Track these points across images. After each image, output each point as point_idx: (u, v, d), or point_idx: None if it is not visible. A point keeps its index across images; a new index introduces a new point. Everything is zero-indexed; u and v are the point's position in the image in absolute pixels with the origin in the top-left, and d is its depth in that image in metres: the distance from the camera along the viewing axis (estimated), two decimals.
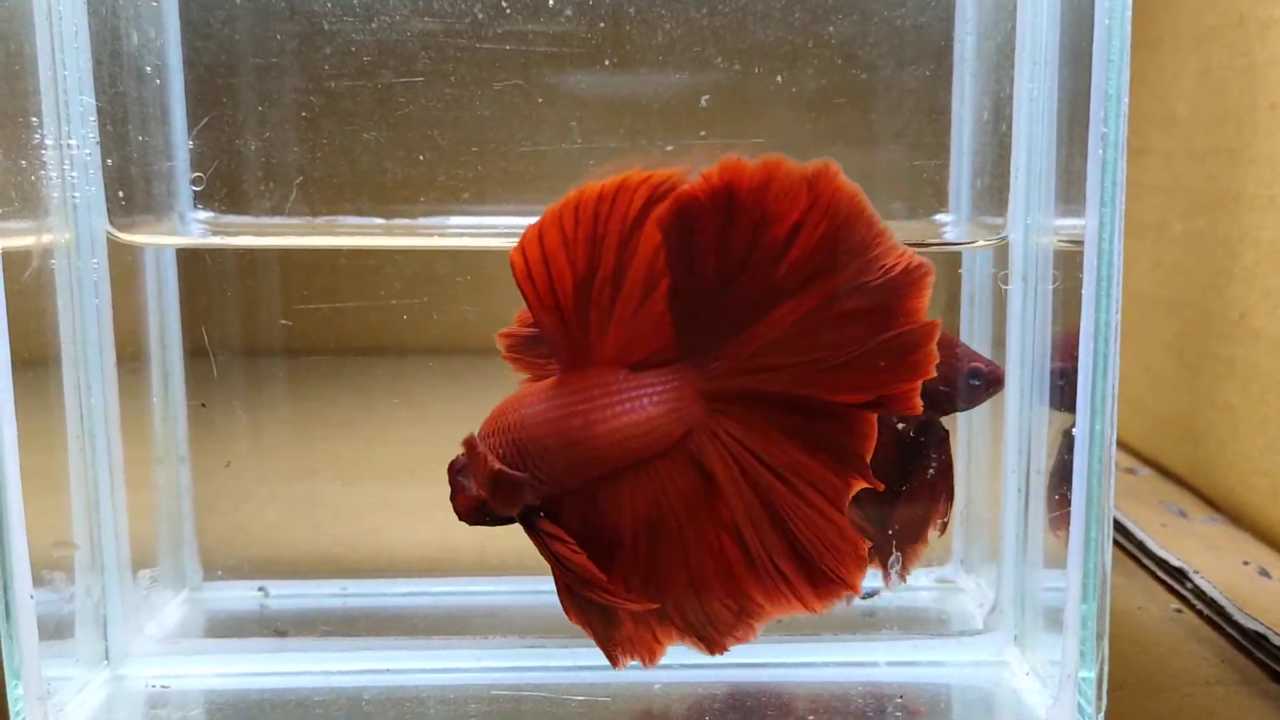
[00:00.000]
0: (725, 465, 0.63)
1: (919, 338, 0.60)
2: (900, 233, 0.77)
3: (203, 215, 0.76)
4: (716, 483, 0.63)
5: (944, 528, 0.72)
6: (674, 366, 0.62)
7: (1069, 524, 0.64)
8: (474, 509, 0.64)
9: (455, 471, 0.65)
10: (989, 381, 0.71)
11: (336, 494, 0.83)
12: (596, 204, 0.59)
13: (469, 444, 0.64)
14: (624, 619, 0.65)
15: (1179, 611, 0.83)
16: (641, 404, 0.61)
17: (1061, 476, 0.65)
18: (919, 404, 0.60)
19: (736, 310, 0.61)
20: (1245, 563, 0.91)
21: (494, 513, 0.64)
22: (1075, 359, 0.62)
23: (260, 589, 0.82)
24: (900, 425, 0.70)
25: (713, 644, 0.65)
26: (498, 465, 0.62)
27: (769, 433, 0.62)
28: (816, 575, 0.63)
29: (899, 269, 0.60)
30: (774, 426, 0.62)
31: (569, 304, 0.61)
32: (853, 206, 0.59)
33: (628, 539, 0.64)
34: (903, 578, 0.71)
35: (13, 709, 0.64)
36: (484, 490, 0.63)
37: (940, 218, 0.78)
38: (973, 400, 0.72)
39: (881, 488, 0.62)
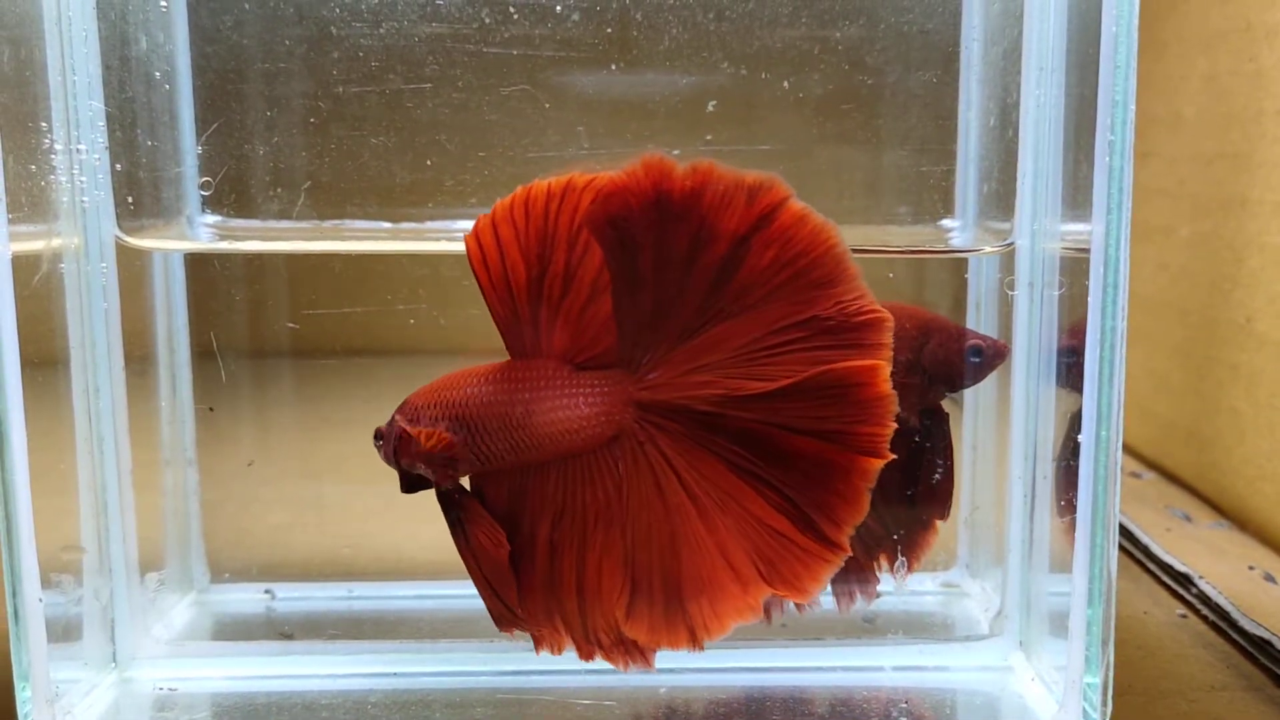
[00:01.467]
0: (639, 478, 0.62)
1: (865, 376, 0.59)
2: (907, 238, 0.78)
3: (210, 220, 0.76)
4: (626, 494, 0.63)
5: (946, 513, 0.72)
6: (613, 371, 0.62)
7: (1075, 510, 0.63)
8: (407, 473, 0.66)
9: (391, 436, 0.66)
10: (990, 356, 0.71)
11: (343, 497, 0.83)
12: (545, 202, 0.60)
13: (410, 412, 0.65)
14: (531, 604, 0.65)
15: (1184, 617, 0.83)
16: (579, 402, 0.63)
17: (1069, 460, 0.65)
18: (882, 449, 0.59)
19: (677, 322, 0.61)
20: (1250, 568, 0.91)
21: (418, 481, 0.66)
22: (1083, 338, 0.62)
23: (267, 591, 0.82)
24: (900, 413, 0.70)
25: (585, 652, 0.65)
26: (446, 437, 0.63)
27: (697, 454, 0.62)
28: (687, 615, 0.62)
29: (858, 316, 0.59)
30: (706, 449, 0.62)
31: (522, 295, 0.62)
32: (818, 240, 0.59)
33: (538, 528, 0.64)
34: (911, 568, 0.71)
35: (21, 711, 0.64)
36: (419, 460, 0.64)
37: (947, 223, 0.78)
38: (977, 377, 0.72)
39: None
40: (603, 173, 0.59)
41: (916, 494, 0.71)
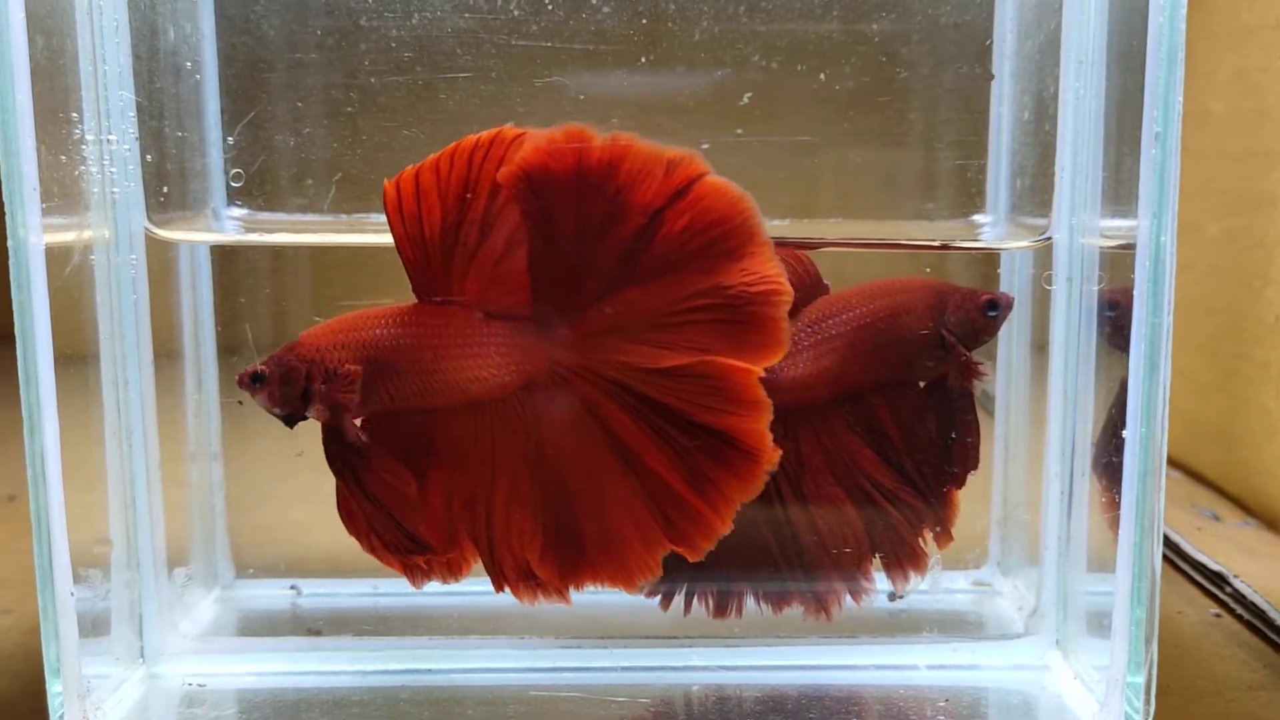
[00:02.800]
0: (550, 429, 0.65)
1: (740, 378, 0.62)
2: (938, 233, 0.78)
3: (237, 212, 0.75)
4: (537, 444, 0.65)
5: (963, 481, 0.72)
6: (526, 322, 0.64)
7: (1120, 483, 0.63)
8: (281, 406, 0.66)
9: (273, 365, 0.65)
10: (1004, 308, 0.71)
11: None
12: (471, 152, 0.62)
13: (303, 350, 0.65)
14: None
15: (1218, 616, 0.82)
16: (490, 351, 0.64)
17: (1113, 429, 0.64)
18: (765, 444, 0.63)
19: (591, 284, 0.62)
20: None
21: (295, 416, 0.66)
22: (1128, 296, 0.61)
23: (292, 587, 0.82)
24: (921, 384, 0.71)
25: (496, 585, 0.67)
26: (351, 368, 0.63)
27: (606, 410, 0.64)
28: (595, 565, 0.66)
29: (759, 286, 0.61)
30: (615, 404, 0.64)
31: (435, 239, 0.63)
32: (732, 210, 0.61)
33: (438, 473, 0.66)
34: (943, 544, 0.72)
35: (52, 706, 0.63)
36: (322, 397, 0.65)
37: (978, 218, 0.78)
38: (993, 330, 0.71)
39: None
40: (537, 130, 0.62)
41: (937, 463, 0.71)
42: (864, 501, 0.71)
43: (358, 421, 0.66)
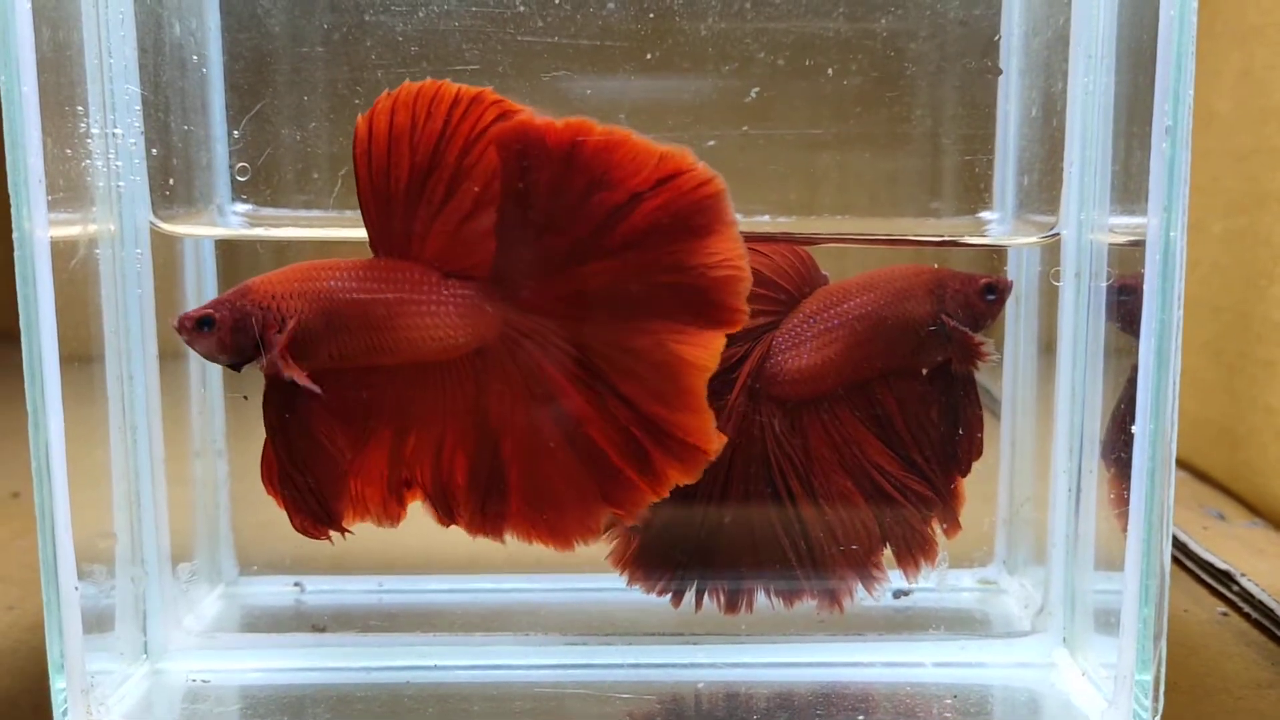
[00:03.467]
0: (500, 391, 0.65)
1: (689, 373, 0.63)
2: (945, 229, 0.78)
3: (242, 207, 0.75)
4: (486, 404, 0.65)
5: (967, 469, 0.72)
6: (484, 283, 0.63)
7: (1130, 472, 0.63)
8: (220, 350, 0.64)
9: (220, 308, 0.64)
10: (1002, 290, 0.71)
11: None
12: (451, 105, 0.61)
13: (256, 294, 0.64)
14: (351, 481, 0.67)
15: (1225, 615, 0.82)
16: (446, 310, 0.63)
17: (1125, 417, 0.64)
18: (710, 438, 0.64)
19: (557, 252, 0.62)
20: None
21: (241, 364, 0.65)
22: (1140, 280, 0.61)
23: (296, 584, 0.82)
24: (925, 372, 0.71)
25: (446, 518, 0.68)
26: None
27: (554, 377, 0.64)
28: (538, 523, 0.67)
29: (718, 266, 0.62)
30: (563, 372, 0.64)
31: (400, 192, 0.62)
32: (704, 190, 0.61)
33: (382, 429, 0.66)
34: (951, 534, 0.72)
35: (55, 702, 0.63)
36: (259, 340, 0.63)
37: (985, 214, 0.77)
38: (993, 314, 0.71)
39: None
40: (521, 106, 0.61)
41: (943, 451, 0.71)
42: (873, 491, 0.70)
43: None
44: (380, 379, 0.65)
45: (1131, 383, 0.62)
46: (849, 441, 0.70)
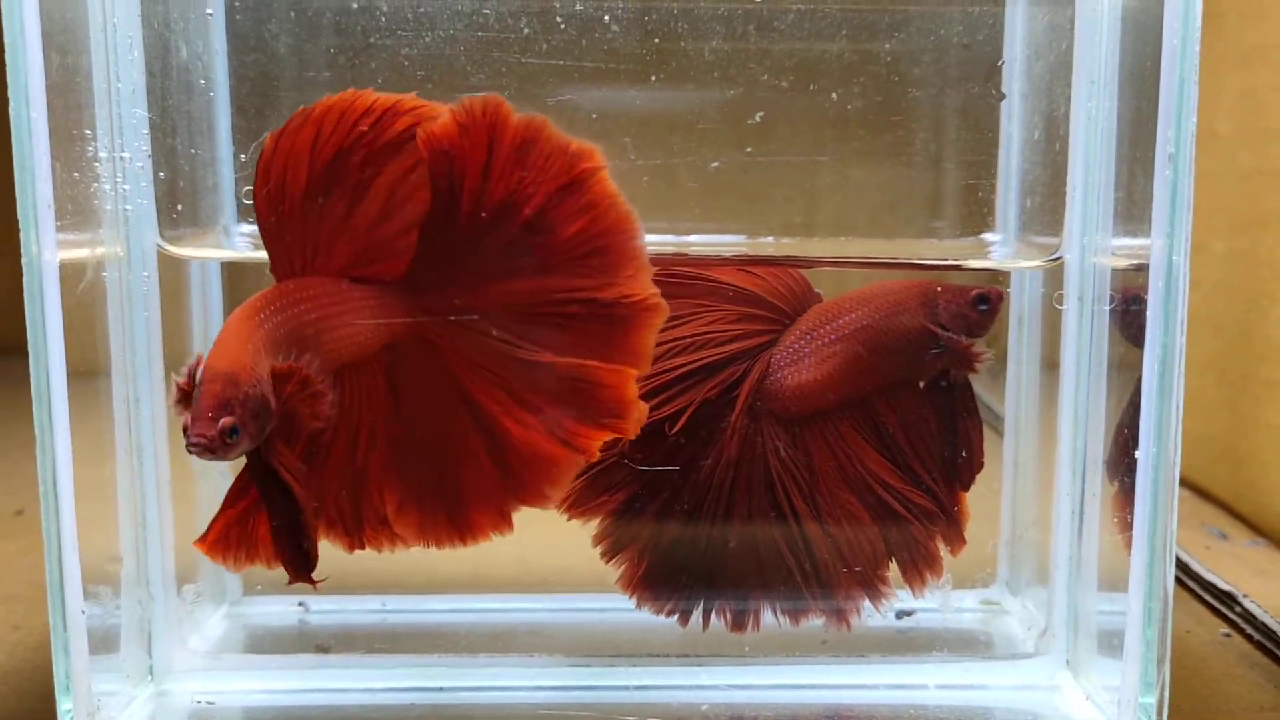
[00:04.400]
0: (409, 389, 0.65)
1: (616, 381, 0.63)
2: (947, 251, 0.78)
3: (248, 229, 0.75)
4: (397, 404, 0.65)
5: (970, 482, 0.72)
6: (392, 285, 0.63)
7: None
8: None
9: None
10: (995, 301, 0.71)
11: None
12: (361, 116, 0.61)
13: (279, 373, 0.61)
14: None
15: (1228, 636, 0.82)
16: (363, 315, 0.63)
17: (1131, 428, 0.64)
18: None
19: (474, 261, 0.62)
20: None
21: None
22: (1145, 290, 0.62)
23: (300, 604, 0.82)
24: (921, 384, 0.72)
25: (350, 543, 0.67)
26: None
27: (466, 372, 0.64)
28: (449, 521, 0.66)
29: (633, 301, 0.62)
30: (475, 369, 0.64)
31: (295, 208, 0.61)
32: (623, 222, 0.62)
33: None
34: (956, 549, 0.72)
35: None
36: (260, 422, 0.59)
37: (988, 237, 0.78)
38: (988, 324, 0.71)
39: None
40: (439, 106, 0.61)
41: (944, 464, 0.71)
42: (877, 506, 0.71)
43: None
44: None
45: (1135, 404, 0.63)
46: (851, 457, 0.71)
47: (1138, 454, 0.62)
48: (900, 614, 0.78)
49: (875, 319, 0.70)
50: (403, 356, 0.64)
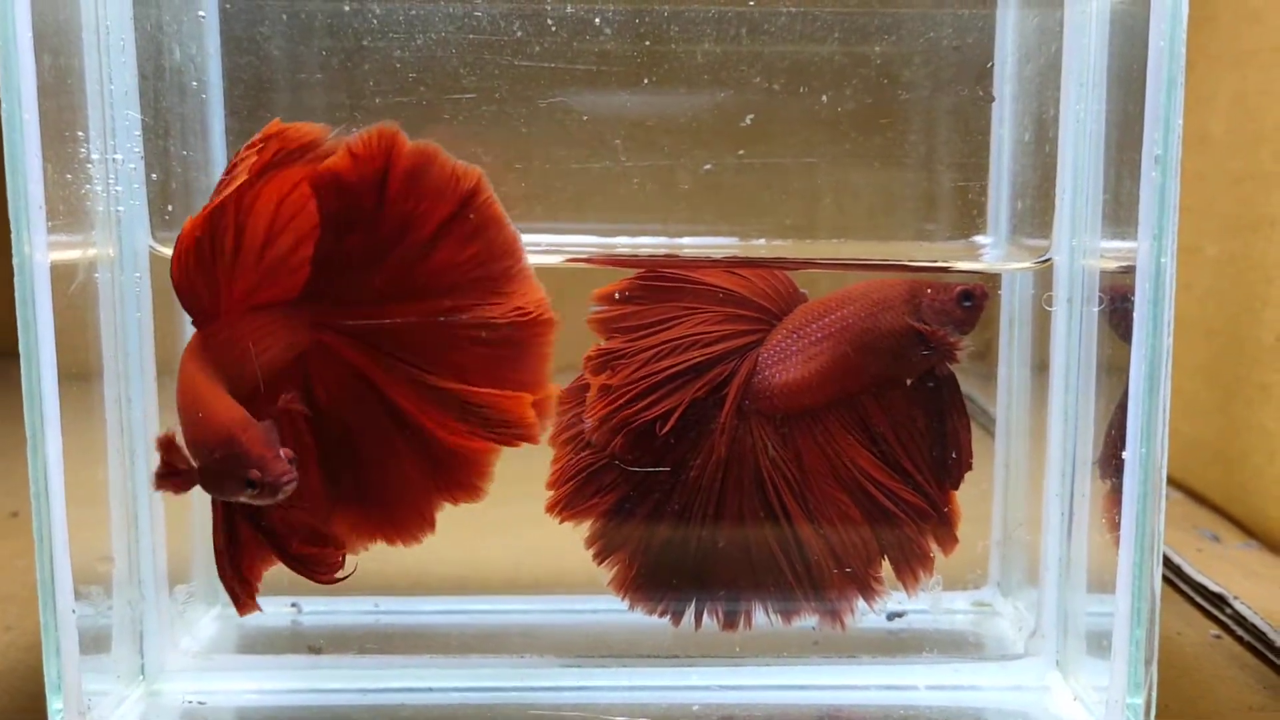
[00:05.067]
0: (330, 397, 0.67)
1: (511, 405, 0.65)
2: (939, 253, 0.78)
3: None
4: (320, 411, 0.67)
5: (959, 480, 0.72)
6: (292, 306, 0.65)
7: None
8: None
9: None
10: (980, 297, 0.71)
11: None
12: (245, 148, 0.61)
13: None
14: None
15: (1218, 637, 0.82)
16: (271, 341, 0.64)
17: (1119, 429, 0.64)
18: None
19: (371, 284, 0.64)
20: None
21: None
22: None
23: (293, 605, 0.82)
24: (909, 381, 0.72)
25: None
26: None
27: (381, 375, 0.66)
28: (379, 522, 0.68)
29: (525, 319, 0.64)
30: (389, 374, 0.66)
31: (190, 252, 0.62)
32: (510, 244, 0.64)
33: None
34: (948, 548, 0.72)
35: None
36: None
37: (979, 239, 0.78)
38: (973, 320, 0.72)
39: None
40: (299, 128, 0.62)
41: (934, 461, 0.71)
42: (867, 503, 0.71)
43: None
44: None
45: (1124, 405, 0.63)
46: (841, 455, 0.71)
47: (1125, 454, 0.62)
48: (891, 615, 0.78)
49: (860, 317, 0.71)
50: (315, 369, 0.66)
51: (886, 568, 0.72)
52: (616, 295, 0.71)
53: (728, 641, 0.73)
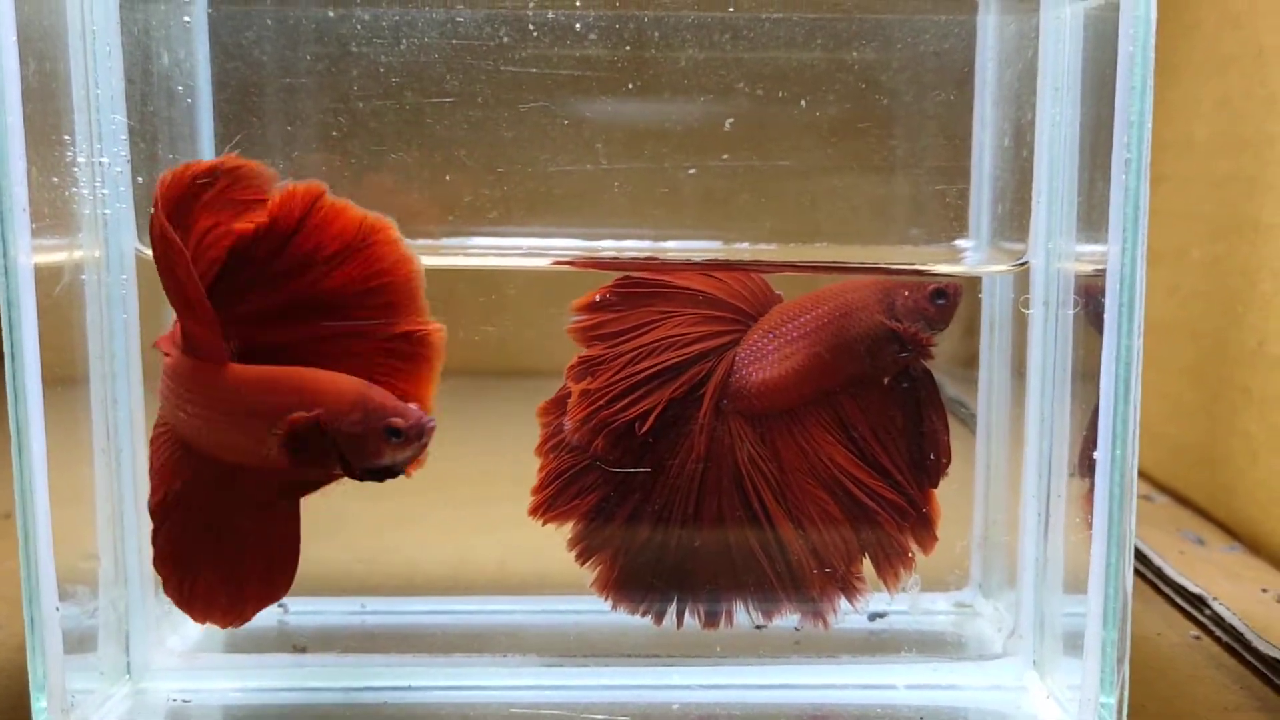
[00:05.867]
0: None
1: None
2: (921, 257, 0.79)
3: None
4: None
5: (940, 475, 0.73)
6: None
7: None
8: None
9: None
10: (953, 294, 0.72)
11: (356, 511, 0.83)
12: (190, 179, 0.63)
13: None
14: None
15: (1197, 638, 0.83)
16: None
17: (1091, 430, 0.65)
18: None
19: (273, 302, 0.65)
20: (1264, 590, 0.91)
21: None
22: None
23: (280, 605, 0.82)
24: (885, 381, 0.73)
25: None
26: None
27: None
28: None
29: (415, 337, 0.65)
30: None
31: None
32: (400, 269, 0.65)
33: None
34: (928, 547, 0.73)
35: None
36: None
37: (961, 243, 0.79)
38: (947, 317, 0.73)
39: None
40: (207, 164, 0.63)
41: (912, 459, 0.72)
42: (847, 500, 0.72)
43: None
44: None
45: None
46: (818, 452, 0.72)
47: (1096, 456, 0.62)
48: (873, 616, 0.78)
49: (835, 316, 0.71)
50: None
51: (868, 566, 0.73)
52: (595, 300, 0.72)
53: (708, 641, 0.73)
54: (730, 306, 0.72)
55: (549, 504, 0.73)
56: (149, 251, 0.70)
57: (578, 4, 0.72)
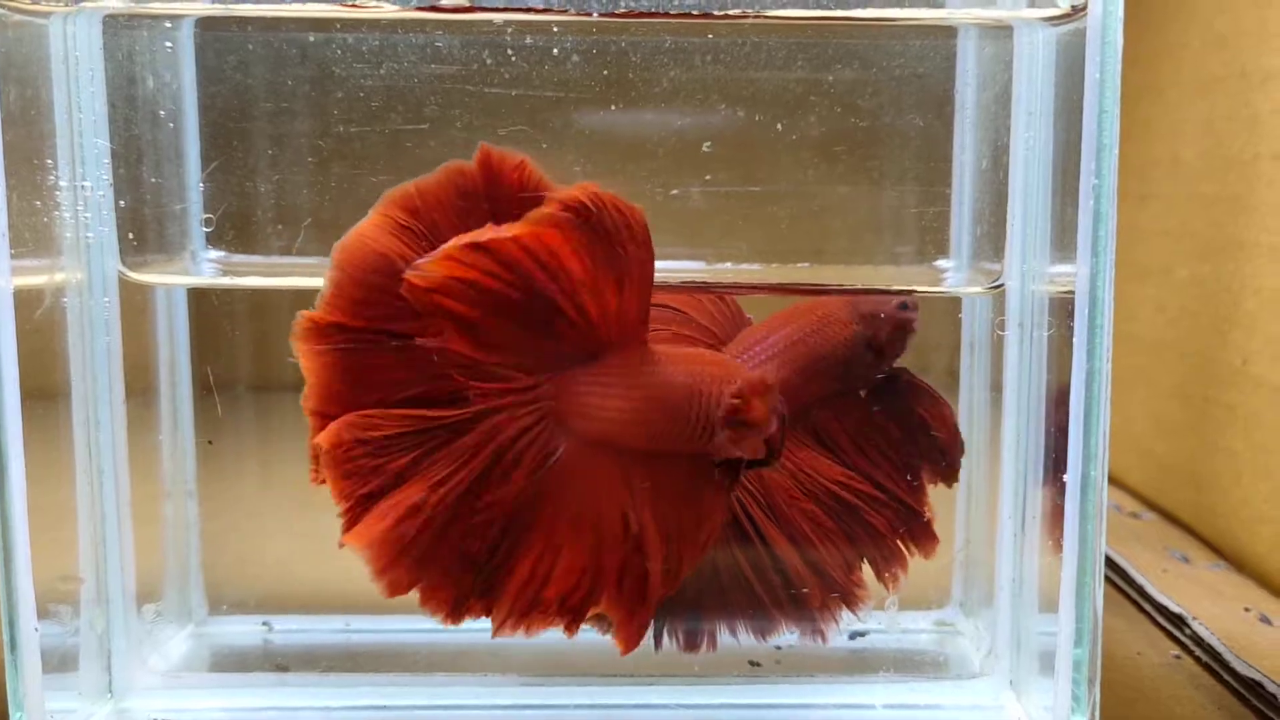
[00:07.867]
0: None
1: None
2: (902, 277, 0.79)
3: (214, 255, 0.77)
4: None
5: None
6: None
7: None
8: None
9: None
10: (911, 307, 0.74)
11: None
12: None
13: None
14: None
15: (1178, 658, 0.83)
16: None
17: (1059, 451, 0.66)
18: None
19: None
20: (1246, 609, 0.91)
21: None
22: None
23: (265, 624, 0.83)
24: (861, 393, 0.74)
25: None
26: None
27: None
28: None
29: None
30: None
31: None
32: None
33: None
34: (927, 547, 0.73)
35: None
36: None
37: (941, 263, 0.79)
38: (910, 322, 0.74)
39: None
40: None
41: (902, 463, 0.72)
42: (839, 509, 0.72)
43: None
44: None
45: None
46: (804, 463, 0.72)
47: (1065, 477, 0.63)
48: (853, 635, 0.79)
49: (805, 333, 0.72)
50: None
51: (868, 572, 0.73)
52: None
53: (687, 660, 0.73)
54: (703, 329, 0.72)
55: None
56: (133, 275, 0.71)
57: (555, 29, 0.73)
